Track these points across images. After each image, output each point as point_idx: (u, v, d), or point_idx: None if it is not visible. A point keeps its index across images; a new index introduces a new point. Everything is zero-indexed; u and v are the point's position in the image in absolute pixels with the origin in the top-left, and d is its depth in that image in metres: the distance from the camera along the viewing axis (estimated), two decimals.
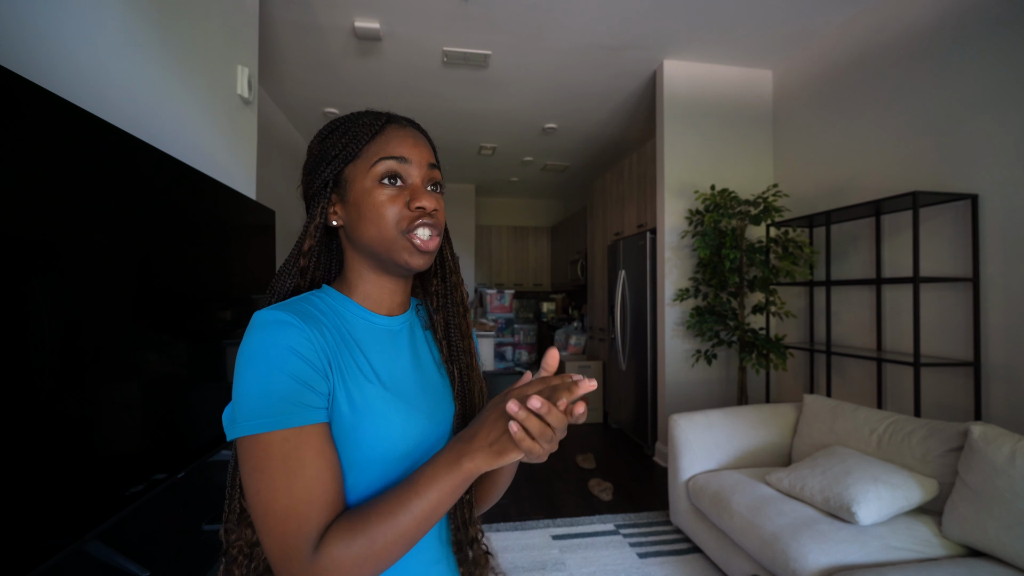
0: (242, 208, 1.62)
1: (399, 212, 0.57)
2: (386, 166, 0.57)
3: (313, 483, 0.48)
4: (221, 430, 1.42)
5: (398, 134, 0.59)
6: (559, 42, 2.98)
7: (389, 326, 0.63)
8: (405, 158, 0.58)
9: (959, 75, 2.13)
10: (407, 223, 0.57)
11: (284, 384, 0.49)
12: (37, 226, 0.79)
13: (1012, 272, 1.93)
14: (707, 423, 2.31)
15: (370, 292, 0.62)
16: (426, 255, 0.58)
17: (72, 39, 1.12)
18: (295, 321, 0.52)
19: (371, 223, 0.57)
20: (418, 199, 0.57)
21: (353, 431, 0.53)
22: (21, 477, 0.74)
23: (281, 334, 0.51)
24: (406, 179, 0.58)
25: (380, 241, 0.57)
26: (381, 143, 0.58)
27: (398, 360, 0.61)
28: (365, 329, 0.60)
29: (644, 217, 4.00)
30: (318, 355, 0.52)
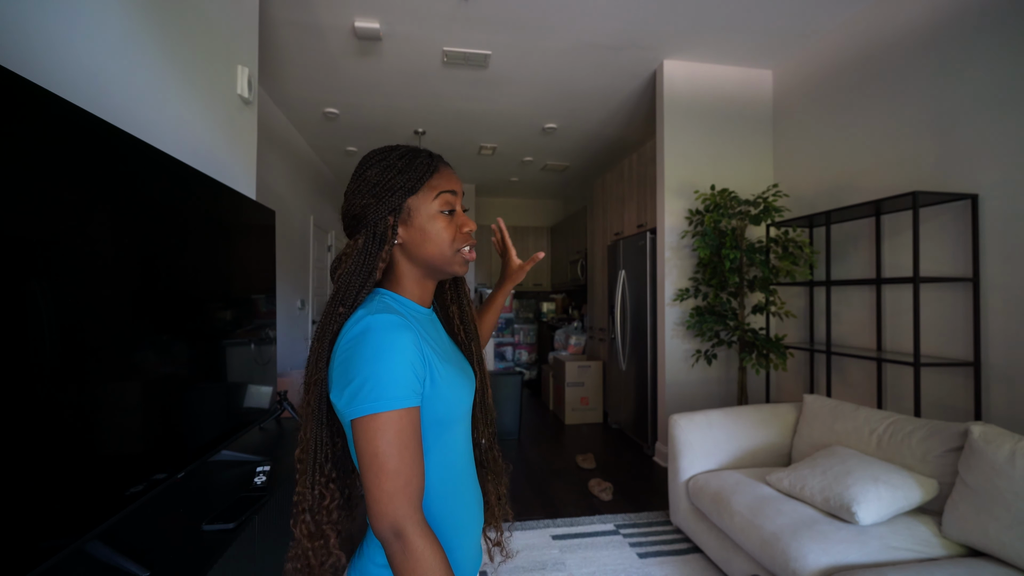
0: (242, 208, 1.62)
1: (454, 235, 0.74)
2: (445, 199, 0.74)
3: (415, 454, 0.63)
4: (221, 430, 1.42)
5: (447, 172, 0.76)
6: (559, 42, 2.98)
7: (431, 315, 0.80)
8: (455, 192, 0.75)
9: (959, 75, 2.13)
10: (460, 243, 0.75)
11: (407, 374, 0.64)
12: (37, 226, 0.79)
13: (1012, 272, 1.93)
14: (707, 423, 2.31)
15: (415, 291, 0.77)
16: (469, 264, 0.78)
17: (72, 39, 1.12)
18: (407, 324, 0.67)
19: (435, 245, 0.73)
20: (467, 224, 0.76)
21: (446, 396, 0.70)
22: (21, 477, 0.74)
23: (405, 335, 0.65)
24: (454, 208, 0.75)
25: (440, 258, 0.74)
26: (438, 179, 0.74)
27: (445, 341, 0.79)
28: (423, 319, 0.76)
29: (644, 217, 4.00)
30: (422, 351, 0.67)
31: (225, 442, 1.44)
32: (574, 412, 4.67)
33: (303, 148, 4.81)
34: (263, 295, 1.80)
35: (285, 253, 3.99)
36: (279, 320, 3.41)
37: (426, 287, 0.78)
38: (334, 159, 5.43)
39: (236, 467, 1.49)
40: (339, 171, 5.97)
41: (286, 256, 4.04)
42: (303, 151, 4.81)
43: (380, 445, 0.61)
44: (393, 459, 0.61)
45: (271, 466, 1.41)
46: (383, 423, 0.61)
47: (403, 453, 0.61)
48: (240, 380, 1.60)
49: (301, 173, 4.73)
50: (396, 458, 0.61)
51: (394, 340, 0.64)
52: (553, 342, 5.69)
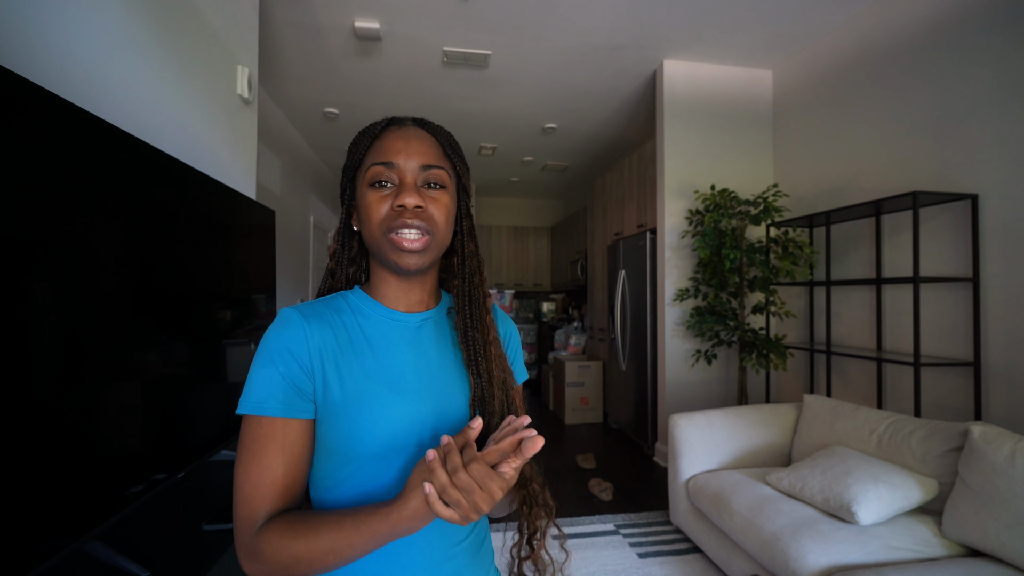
0: (242, 208, 1.62)
1: (384, 213, 0.59)
2: (373, 171, 0.60)
3: (265, 471, 0.54)
4: (221, 430, 1.42)
5: (391, 137, 0.61)
6: (559, 42, 2.98)
7: (408, 322, 0.64)
8: (391, 162, 0.59)
9: (959, 75, 2.13)
10: (389, 223, 0.58)
11: (271, 378, 0.55)
12: (37, 226, 0.79)
13: (1012, 272, 1.93)
14: (707, 423, 2.30)
15: (386, 291, 0.65)
16: (413, 255, 0.59)
17: (72, 39, 1.12)
18: (299, 320, 0.57)
19: (364, 225, 0.61)
20: (399, 197, 0.58)
21: (347, 423, 0.56)
22: (22, 477, 0.74)
23: (282, 332, 0.57)
24: (396, 181, 0.60)
25: (372, 242, 0.60)
26: (376, 149, 0.61)
27: (411, 357, 0.62)
28: (382, 326, 0.63)
29: (644, 217, 4.00)
30: (310, 355, 0.57)
31: (225, 442, 1.44)
32: (574, 412, 4.67)
33: (303, 148, 4.81)
34: (263, 295, 1.80)
35: (285, 253, 3.99)
36: None
37: (398, 287, 0.64)
38: (334, 159, 5.43)
39: None
40: (339, 171, 5.95)
41: (286, 256, 4.04)
42: (303, 151, 4.81)
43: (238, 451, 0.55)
44: (242, 471, 0.54)
45: None
46: (244, 427, 0.55)
47: (249, 466, 0.54)
48: (240, 380, 1.60)
49: (301, 173, 4.73)
50: (242, 471, 0.54)
51: (270, 336, 0.57)
52: (553, 342, 5.69)
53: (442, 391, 0.62)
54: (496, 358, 0.64)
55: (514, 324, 0.76)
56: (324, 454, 0.58)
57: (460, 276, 0.67)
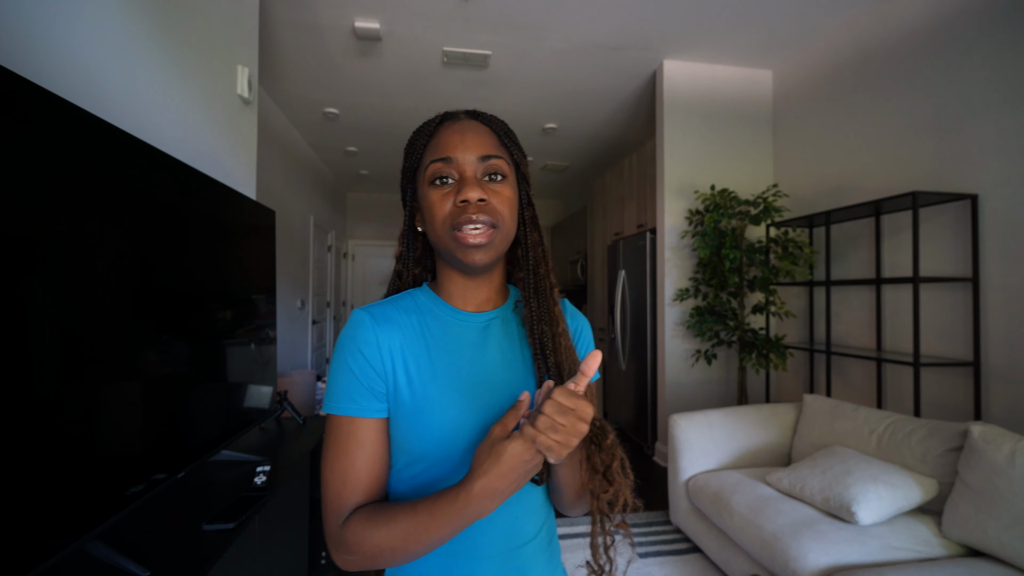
0: (242, 208, 1.62)
1: (448, 209, 0.58)
2: (433, 169, 0.59)
3: (348, 467, 0.56)
4: (222, 430, 1.42)
5: (447, 132, 0.61)
6: (559, 42, 2.98)
7: (475, 322, 0.64)
8: (449, 157, 0.58)
9: (959, 75, 2.13)
10: (453, 219, 0.57)
11: (346, 378, 0.58)
12: (37, 226, 0.79)
13: (1012, 272, 1.93)
14: (707, 423, 2.31)
15: (453, 290, 0.64)
16: (479, 250, 0.58)
17: (72, 39, 1.12)
18: (369, 322, 0.59)
19: (430, 225, 0.60)
20: (462, 192, 0.57)
21: (415, 424, 0.58)
22: (22, 477, 0.74)
23: (354, 334, 0.59)
24: (456, 176, 0.59)
25: (437, 241, 0.60)
26: (432, 146, 0.61)
27: (477, 358, 0.62)
28: (447, 326, 0.63)
29: (644, 217, 4.00)
30: (381, 356, 0.58)
31: (225, 442, 1.43)
32: None
33: (303, 148, 4.81)
34: (263, 295, 1.80)
35: (285, 253, 3.99)
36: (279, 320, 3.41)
37: (466, 285, 0.64)
38: (334, 159, 5.43)
39: (236, 467, 1.49)
40: (339, 171, 5.96)
41: (286, 256, 4.04)
42: (303, 151, 4.81)
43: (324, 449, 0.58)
44: (328, 467, 0.57)
45: (271, 466, 1.41)
46: (329, 426, 0.58)
47: (333, 463, 0.57)
48: (240, 380, 1.60)
49: (301, 173, 4.73)
50: (328, 468, 0.57)
51: (343, 338, 0.59)
52: None
53: (508, 392, 0.61)
54: (565, 350, 0.62)
55: (585, 319, 0.73)
56: (396, 451, 0.60)
57: (525, 267, 0.65)
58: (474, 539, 0.58)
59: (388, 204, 7.41)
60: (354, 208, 7.29)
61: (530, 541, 0.63)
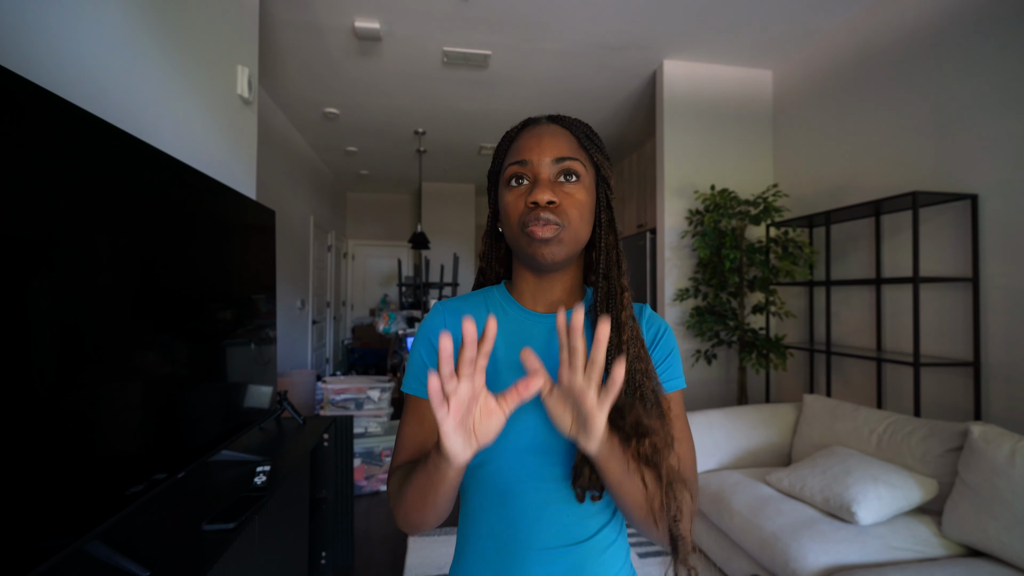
0: (242, 208, 1.62)
1: (520, 209, 0.61)
2: (510, 171, 0.63)
3: (408, 438, 0.64)
4: (221, 430, 1.42)
5: (525, 136, 0.64)
6: (559, 42, 2.98)
7: (544, 322, 0.65)
8: (525, 160, 0.61)
9: (959, 75, 2.13)
10: (523, 217, 0.60)
11: (416, 362, 0.65)
12: (37, 226, 0.79)
13: (1012, 272, 1.93)
14: (707, 423, 2.31)
15: (525, 289, 0.67)
16: (548, 244, 0.59)
17: (72, 39, 1.12)
18: (441, 311, 0.67)
19: (505, 224, 0.64)
20: (532, 194, 0.59)
21: None
22: (22, 477, 0.74)
23: (426, 322, 0.66)
24: (531, 178, 0.62)
25: (511, 239, 0.63)
26: (512, 150, 0.64)
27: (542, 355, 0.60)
28: (515, 323, 0.66)
29: (644, 217, 4.00)
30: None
31: (225, 442, 1.43)
32: None
33: (303, 148, 4.81)
34: (263, 295, 1.80)
35: (285, 253, 3.99)
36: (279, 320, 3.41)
37: (538, 285, 0.65)
38: (334, 159, 5.43)
39: (236, 467, 1.49)
40: (339, 171, 5.97)
41: (286, 256, 4.04)
42: (303, 151, 4.81)
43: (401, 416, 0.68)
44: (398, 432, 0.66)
45: (271, 466, 1.41)
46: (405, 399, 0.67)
47: (401, 430, 0.65)
48: (240, 380, 1.60)
49: (301, 173, 4.73)
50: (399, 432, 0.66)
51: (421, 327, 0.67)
52: None
53: None
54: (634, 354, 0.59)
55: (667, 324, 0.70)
56: None
57: (597, 271, 0.64)
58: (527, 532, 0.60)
59: (388, 204, 7.41)
60: (354, 208, 7.29)
61: (587, 540, 0.62)
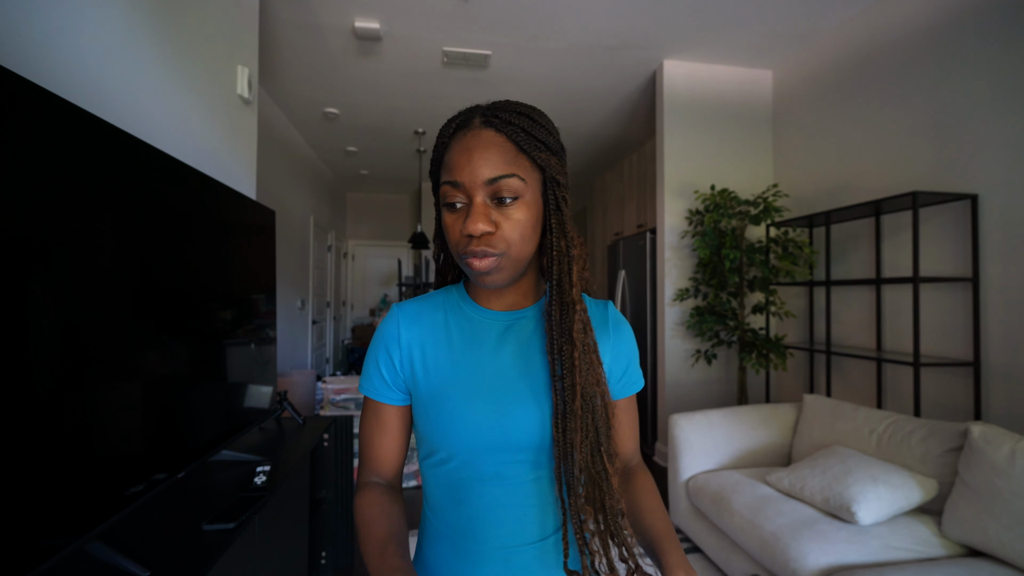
0: (242, 208, 1.62)
1: (457, 237, 0.57)
2: (444, 191, 0.58)
3: (369, 442, 0.66)
4: (222, 430, 1.42)
5: (456, 148, 0.57)
6: (559, 42, 2.98)
7: (497, 320, 0.65)
8: (456, 182, 0.56)
9: (959, 75, 2.13)
10: (462, 248, 0.57)
11: (371, 367, 0.66)
12: (37, 226, 0.79)
13: (1012, 272, 1.93)
14: (707, 423, 2.31)
15: (479, 290, 0.67)
16: (486, 275, 0.57)
17: (72, 39, 1.12)
18: (396, 316, 0.66)
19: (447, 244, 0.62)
20: (465, 225, 0.55)
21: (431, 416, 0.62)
22: (22, 477, 0.74)
23: (382, 327, 0.67)
24: (465, 200, 0.56)
25: (455, 258, 0.61)
26: (445, 162, 0.58)
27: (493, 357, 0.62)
28: (473, 324, 0.65)
29: (644, 217, 4.00)
30: (401, 350, 0.64)
31: (225, 442, 1.43)
32: None
33: (303, 148, 4.81)
34: (263, 295, 1.80)
35: (285, 253, 3.99)
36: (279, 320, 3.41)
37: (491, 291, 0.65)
38: (334, 159, 5.43)
39: (236, 467, 1.49)
40: (339, 171, 5.96)
41: (286, 256, 4.04)
42: (303, 151, 4.81)
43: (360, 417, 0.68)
44: (360, 433, 0.67)
45: (271, 466, 1.41)
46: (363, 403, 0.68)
47: (362, 430, 0.67)
48: (240, 380, 1.60)
49: (301, 173, 4.73)
50: (361, 434, 0.67)
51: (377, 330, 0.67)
52: None
53: (519, 395, 0.60)
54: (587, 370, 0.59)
55: (629, 325, 0.69)
56: (418, 440, 0.66)
57: (549, 279, 0.62)
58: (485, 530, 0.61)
59: (388, 204, 7.41)
60: (354, 208, 7.29)
61: (537, 542, 0.62)
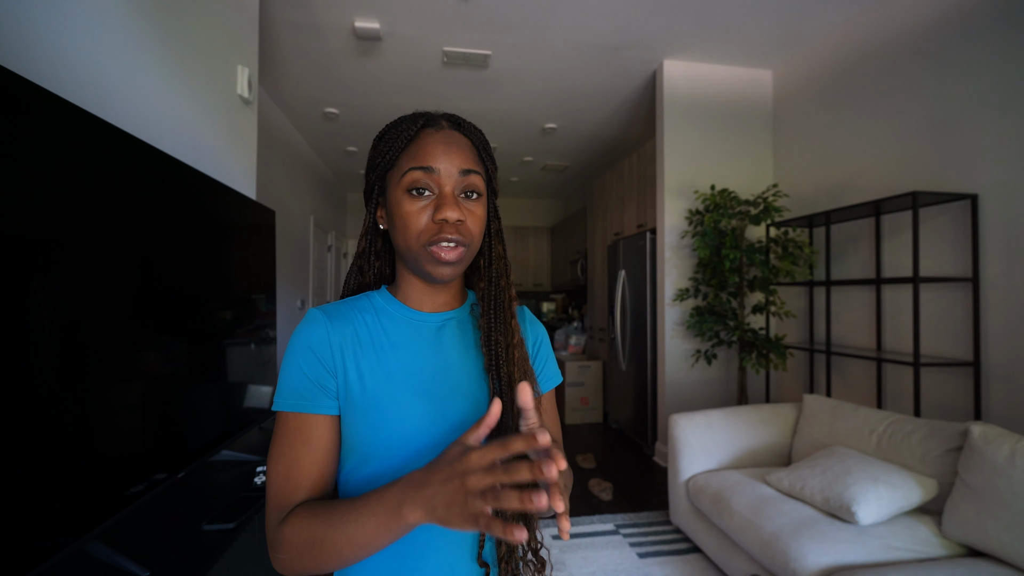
0: (242, 208, 1.62)
1: (423, 224, 0.58)
2: (412, 177, 0.58)
3: (293, 464, 0.55)
4: (221, 430, 1.42)
5: (430, 140, 0.59)
6: (559, 42, 2.98)
7: (430, 321, 0.64)
8: (431, 168, 0.58)
9: (959, 75, 2.13)
10: (428, 236, 0.57)
11: (295, 376, 0.57)
12: (37, 226, 0.79)
13: (1012, 272, 1.93)
14: (707, 423, 2.31)
15: (411, 293, 0.65)
16: (449, 266, 0.59)
17: (72, 39, 1.12)
18: (322, 320, 0.59)
19: (400, 233, 0.59)
20: (441, 211, 0.57)
21: (366, 422, 0.58)
22: (22, 477, 0.74)
23: (306, 331, 0.59)
24: (435, 189, 0.58)
25: (407, 251, 0.60)
26: (412, 151, 0.59)
27: (430, 357, 0.62)
28: (403, 326, 0.63)
29: (644, 217, 4.00)
30: (333, 354, 0.58)
31: (225, 442, 1.43)
32: (574, 412, 4.67)
33: (303, 148, 4.81)
34: (263, 295, 1.80)
35: (285, 253, 3.99)
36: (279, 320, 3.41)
37: (423, 290, 0.64)
38: (334, 159, 5.43)
39: (236, 467, 1.49)
40: (339, 171, 5.96)
41: (286, 256, 4.04)
42: (303, 151, 4.81)
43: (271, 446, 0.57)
44: (274, 465, 0.56)
45: None
46: (276, 423, 0.58)
47: (278, 459, 0.56)
48: (240, 380, 1.60)
49: (301, 173, 4.73)
50: (272, 465, 0.56)
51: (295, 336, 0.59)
52: (553, 342, 5.69)
53: (460, 393, 0.61)
54: (519, 361, 0.63)
55: (543, 327, 0.75)
56: (346, 450, 0.59)
57: (487, 279, 0.66)
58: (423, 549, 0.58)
59: None
60: (354, 208, 7.28)
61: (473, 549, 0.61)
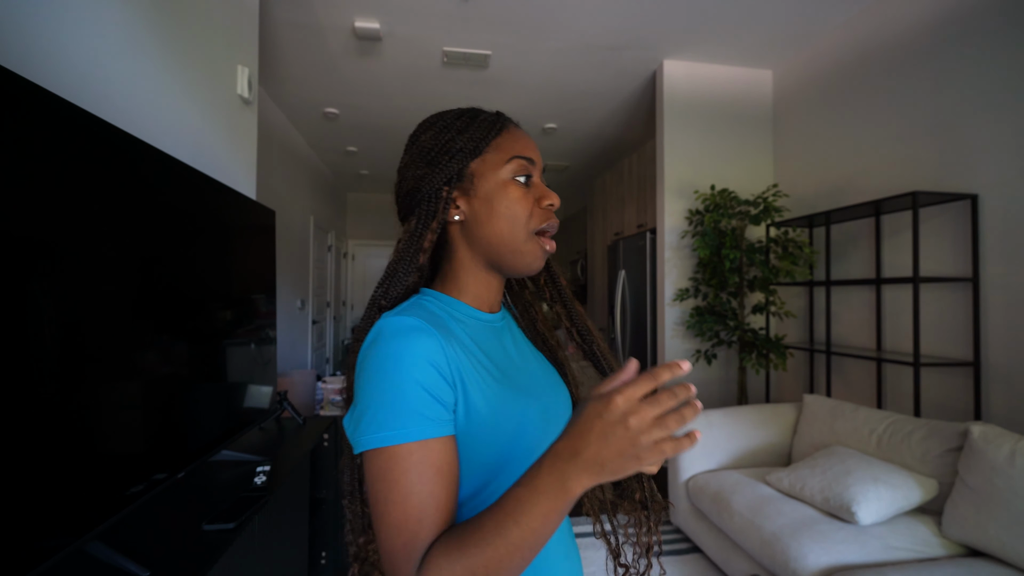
0: (242, 208, 1.62)
1: (530, 210, 0.58)
2: (519, 164, 0.58)
3: (427, 500, 0.46)
4: (222, 430, 1.42)
5: (521, 135, 0.61)
6: (559, 42, 2.98)
7: (494, 323, 0.63)
8: (532, 160, 0.59)
9: (959, 75, 2.13)
10: (538, 222, 0.58)
11: (415, 396, 0.48)
12: (37, 226, 0.79)
13: (1012, 272, 1.93)
14: (707, 423, 2.31)
15: (479, 291, 0.61)
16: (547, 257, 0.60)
17: (72, 39, 1.12)
18: (428, 328, 0.51)
19: (505, 221, 0.57)
20: (548, 196, 0.58)
21: (496, 434, 0.53)
22: (22, 477, 0.74)
23: (416, 342, 0.49)
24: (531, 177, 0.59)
25: (510, 240, 0.57)
26: (510, 140, 0.59)
27: (515, 357, 0.62)
28: (478, 329, 0.59)
29: (644, 217, 4.01)
30: (449, 365, 0.51)
31: (225, 442, 1.43)
32: None
33: (303, 148, 4.81)
34: (263, 295, 1.80)
35: (285, 253, 3.99)
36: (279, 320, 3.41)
37: (491, 285, 0.61)
38: (334, 159, 5.43)
39: (236, 467, 1.49)
40: (339, 171, 5.96)
41: (286, 256, 4.04)
42: (303, 151, 4.81)
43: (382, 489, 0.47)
44: (397, 508, 0.46)
45: (271, 466, 1.41)
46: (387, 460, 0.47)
47: (408, 500, 0.46)
48: (240, 380, 1.60)
49: (301, 173, 4.73)
50: (400, 507, 0.46)
51: (401, 350, 0.49)
52: None
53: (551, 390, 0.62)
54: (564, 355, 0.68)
55: None
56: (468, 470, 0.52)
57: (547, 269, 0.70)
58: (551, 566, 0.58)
59: (388, 204, 7.37)
60: (354, 208, 7.29)
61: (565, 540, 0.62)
